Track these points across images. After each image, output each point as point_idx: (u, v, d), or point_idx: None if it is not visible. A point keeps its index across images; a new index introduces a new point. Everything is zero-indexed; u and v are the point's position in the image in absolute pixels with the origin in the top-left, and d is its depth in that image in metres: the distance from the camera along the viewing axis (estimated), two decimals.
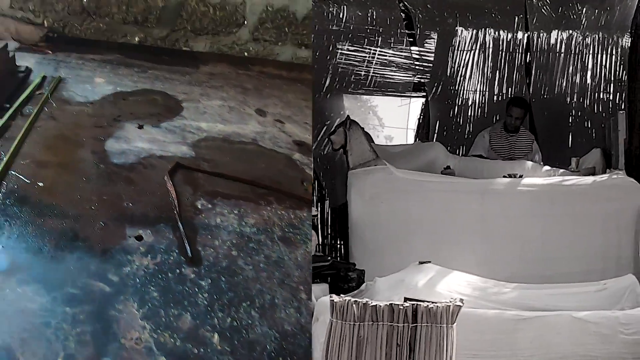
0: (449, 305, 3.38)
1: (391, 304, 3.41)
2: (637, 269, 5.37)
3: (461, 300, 3.45)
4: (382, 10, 8.34)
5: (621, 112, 6.59)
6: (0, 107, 5.49)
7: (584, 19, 7.95)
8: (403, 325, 3.37)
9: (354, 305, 3.43)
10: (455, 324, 3.40)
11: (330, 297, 3.50)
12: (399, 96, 8.82)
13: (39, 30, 7.67)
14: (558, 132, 8.09)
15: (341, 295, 3.60)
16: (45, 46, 7.48)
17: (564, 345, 4.15)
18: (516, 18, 8.16)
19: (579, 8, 7.92)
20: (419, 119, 8.80)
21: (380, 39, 8.41)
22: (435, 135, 8.46)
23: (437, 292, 4.37)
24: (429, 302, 3.43)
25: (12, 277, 3.67)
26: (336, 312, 3.43)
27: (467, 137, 8.31)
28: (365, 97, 9.09)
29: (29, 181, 4.62)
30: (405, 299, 3.51)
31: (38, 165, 4.94)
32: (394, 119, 9.55)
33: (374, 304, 3.42)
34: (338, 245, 6.28)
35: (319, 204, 7.85)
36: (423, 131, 8.67)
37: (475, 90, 8.45)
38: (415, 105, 8.83)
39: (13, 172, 4.69)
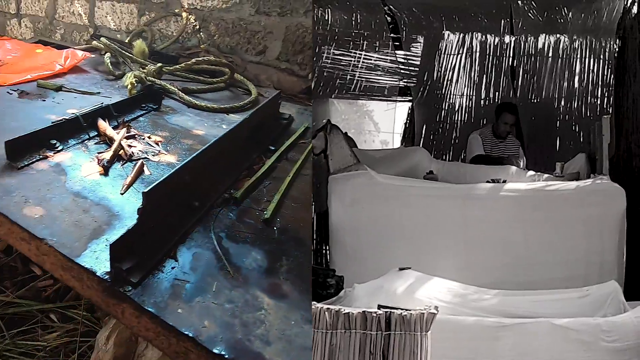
0: (423, 313, 3.35)
1: (364, 311, 3.38)
2: (620, 275, 5.37)
3: (436, 307, 3.42)
4: (367, 13, 8.31)
5: (605, 116, 6.56)
6: (265, 148, 5.50)
7: (571, 23, 7.92)
8: (376, 333, 3.35)
9: (326, 312, 3.40)
10: (429, 331, 3.37)
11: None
12: (385, 100, 8.77)
13: (301, 82, 7.74)
14: (545, 137, 8.06)
15: (314, 302, 3.54)
16: (305, 98, 7.51)
17: (544, 353, 4.16)
18: (502, 22, 8.14)
19: (566, 12, 7.90)
20: (405, 124, 8.76)
21: (365, 42, 8.38)
22: (422, 139, 8.42)
23: (416, 299, 4.34)
24: (402, 309, 3.39)
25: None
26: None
27: (454, 142, 8.28)
28: (360, 102, 9.03)
29: (302, 224, 4.43)
30: (379, 307, 3.47)
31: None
32: (390, 124, 9.47)
33: (346, 311, 3.39)
34: (323, 251, 6.24)
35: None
36: (409, 136, 8.64)
37: (462, 95, 8.42)
38: (402, 109, 8.78)
39: (285, 212, 4.51)
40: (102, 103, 4.88)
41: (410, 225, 5.44)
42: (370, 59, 8.43)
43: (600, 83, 7.82)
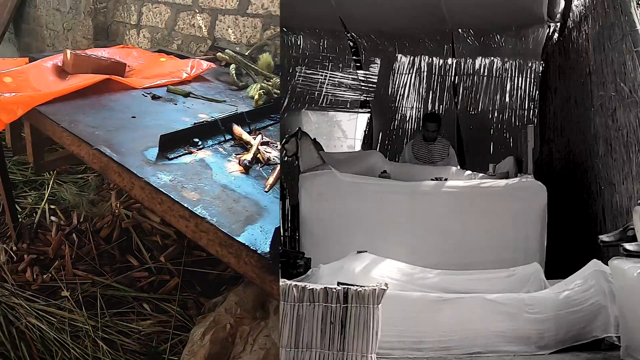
0: (375, 289, 3.35)
1: (326, 287, 3.39)
2: (542, 258, 5.39)
3: (386, 284, 3.42)
4: (333, 39, 8.32)
5: (530, 125, 6.61)
6: None
7: (502, 48, 7.95)
8: (336, 306, 3.35)
9: (294, 288, 3.40)
10: (380, 304, 3.37)
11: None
12: (348, 112, 8.78)
13: None
14: (482, 143, 8.08)
15: (284, 280, 3.54)
16: None
17: (477, 322, 4.22)
18: (445, 46, 8.16)
19: (499, 38, 7.92)
20: (364, 131, 8.78)
21: (331, 63, 8.39)
22: (378, 145, 8.44)
23: (371, 277, 4.36)
24: (358, 286, 3.40)
25: None
26: (279, 294, 3.40)
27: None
28: (331, 113, 9.06)
29: None
30: (339, 283, 3.47)
31: None
32: (353, 131, 9.46)
33: (310, 287, 3.40)
34: (296, 237, 6.26)
35: (280, 202, 7.79)
36: (368, 141, 8.66)
37: (412, 107, 8.43)
38: (362, 119, 8.78)
39: None
40: (236, 110, 4.77)
41: (367, 216, 5.45)
42: (336, 77, 8.43)
43: (527, 98, 7.85)
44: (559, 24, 7.29)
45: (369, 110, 8.65)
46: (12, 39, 10.44)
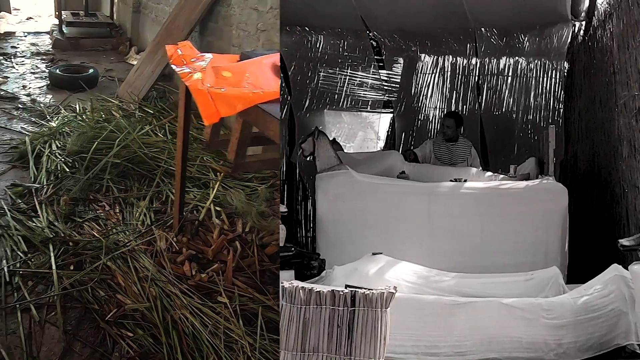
0: (383, 292, 3.28)
1: (333, 290, 3.33)
2: (563, 262, 5.30)
3: (394, 287, 3.33)
4: (355, 39, 8.25)
5: (551, 126, 6.47)
6: None
7: (527, 47, 7.83)
8: (343, 309, 3.28)
9: (300, 290, 3.34)
10: (389, 308, 3.29)
11: (282, 283, 3.41)
12: (370, 112, 8.70)
13: None
14: (505, 143, 7.97)
15: (292, 282, 3.48)
16: None
17: (493, 328, 4.12)
18: (469, 46, 8.06)
19: (523, 37, 7.80)
20: (387, 132, 8.69)
21: (353, 63, 8.33)
22: (401, 145, 8.35)
23: (386, 280, 4.32)
24: (366, 288, 3.32)
25: None
26: (286, 296, 3.35)
27: None
28: (365, 114, 8.97)
29: None
30: (346, 286, 3.40)
31: None
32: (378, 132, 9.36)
33: (317, 289, 3.33)
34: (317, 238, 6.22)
35: (302, 202, 7.75)
36: (391, 142, 8.57)
37: (435, 107, 8.34)
38: (385, 119, 8.69)
39: None
40: None
41: (383, 217, 5.38)
42: (358, 77, 8.37)
43: (552, 98, 7.72)
44: (583, 23, 7.16)
45: (392, 110, 8.56)
46: (195, 37, 10.02)
